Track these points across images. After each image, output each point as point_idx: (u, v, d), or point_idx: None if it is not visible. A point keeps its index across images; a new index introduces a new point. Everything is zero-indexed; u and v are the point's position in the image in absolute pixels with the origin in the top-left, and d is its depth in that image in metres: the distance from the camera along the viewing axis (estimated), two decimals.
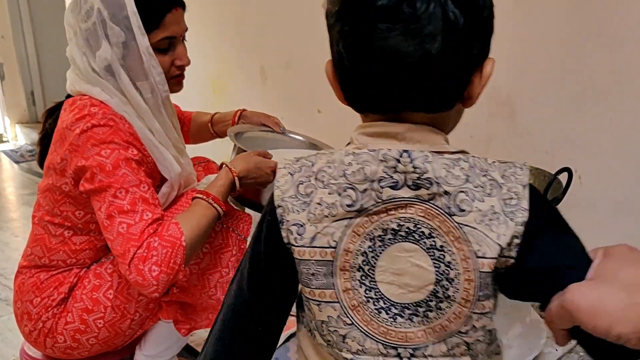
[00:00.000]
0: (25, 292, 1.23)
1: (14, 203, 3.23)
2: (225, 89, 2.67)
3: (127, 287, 1.20)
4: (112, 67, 1.11)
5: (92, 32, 1.10)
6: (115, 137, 1.09)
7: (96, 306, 1.19)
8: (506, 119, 1.67)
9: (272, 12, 2.33)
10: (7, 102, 4.98)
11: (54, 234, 1.21)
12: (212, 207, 1.14)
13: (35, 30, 4.97)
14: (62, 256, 1.22)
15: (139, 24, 1.09)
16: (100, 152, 1.08)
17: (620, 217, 1.52)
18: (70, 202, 1.17)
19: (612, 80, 1.46)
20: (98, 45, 1.10)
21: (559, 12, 1.51)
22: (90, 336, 1.21)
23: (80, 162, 1.08)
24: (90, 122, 1.09)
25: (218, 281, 1.24)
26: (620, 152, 1.49)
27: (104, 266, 1.22)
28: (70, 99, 1.18)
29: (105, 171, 1.07)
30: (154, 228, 1.06)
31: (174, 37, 1.16)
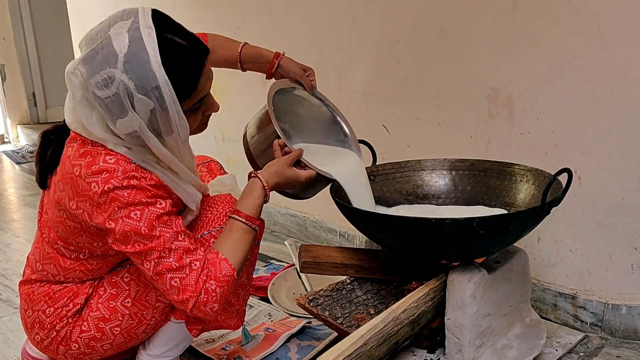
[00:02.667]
0: (37, 302, 1.23)
1: (15, 204, 3.23)
2: (226, 90, 2.67)
3: (146, 294, 1.22)
4: (138, 133, 1.04)
5: (114, 101, 1.00)
6: (141, 196, 1.05)
7: (113, 315, 1.21)
8: (506, 119, 1.67)
9: (272, 13, 2.33)
10: (9, 103, 4.99)
11: (68, 256, 1.20)
12: (250, 230, 1.17)
13: (36, 32, 4.99)
14: (78, 275, 1.22)
15: (170, 93, 1.01)
16: (130, 214, 1.04)
17: (620, 217, 1.52)
18: (87, 236, 1.15)
19: (612, 80, 1.46)
20: (122, 114, 1.01)
21: (559, 12, 1.51)
22: (105, 343, 1.23)
23: (109, 224, 1.06)
24: (111, 182, 1.04)
25: None
26: (620, 152, 1.49)
27: (120, 275, 1.23)
28: (79, 139, 1.10)
29: (142, 234, 1.05)
30: (205, 274, 1.08)
31: (207, 94, 1.13)
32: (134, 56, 0.98)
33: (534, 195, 1.44)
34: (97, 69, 1.00)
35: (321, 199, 1.55)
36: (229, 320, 1.30)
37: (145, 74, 0.99)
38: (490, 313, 1.36)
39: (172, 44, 1.03)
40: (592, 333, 1.60)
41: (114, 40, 0.99)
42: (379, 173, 1.63)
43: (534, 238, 1.68)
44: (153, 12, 1.05)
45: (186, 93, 1.05)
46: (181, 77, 1.03)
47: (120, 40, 0.99)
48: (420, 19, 1.82)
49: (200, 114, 1.14)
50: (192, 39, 1.08)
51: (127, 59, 0.98)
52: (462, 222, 1.22)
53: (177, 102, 1.03)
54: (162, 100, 1.01)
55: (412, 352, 1.43)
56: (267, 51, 1.46)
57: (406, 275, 1.50)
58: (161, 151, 1.08)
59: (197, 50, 1.07)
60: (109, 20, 1.04)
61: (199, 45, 1.08)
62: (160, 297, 1.23)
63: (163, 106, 1.02)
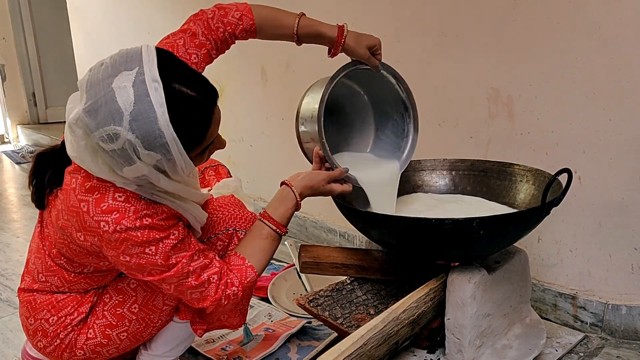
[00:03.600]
0: (39, 310, 1.22)
1: (15, 204, 3.23)
2: (226, 90, 2.67)
3: (153, 299, 1.22)
4: (146, 178, 1.01)
5: (119, 154, 0.96)
6: (155, 234, 1.04)
7: (120, 321, 1.22)
8: (506, 119, 1.67)
9: None
10: (9, 103, 5.00)
11: (72, 270, 1.19)
12: (277, 237, 1.22)
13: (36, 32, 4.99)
14: (82, 286, 1.22)
15: (179, 148, 0.97)
16: (145, 250, 1.04)
17: (620, 217, 1.52)
18: (94, 257, 1.14)
19: (612, 80, 1.46)
20: (128, 164, 0.97)
21: (559, 12, 1.51)
22: (111, 348, 1.24)
23: (123, 258, 1.05)
24: (122, 222, 1.02)
25: None
26: (620, 152, 1.49)
27: (126, 281, 1.23)
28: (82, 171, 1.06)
29: (159, 266, 1.06)
30: (224, 284, 1.13)
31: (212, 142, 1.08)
32: (140, 115, 0.93)
33: (534, 195, 1.44)
34: (102, 124, 0.94)
35: (321, 199, 1.55)
36: (232, 320, 1.30)
37: (153, 132, 0.94)
38: (490, 313, 1.35)
39: (180, 96, 0.97)
40: (592, 333, 1.60)
41: (118, 95, 0.93)
42: None
43: (534, 238, 1.68)
44: (158, 57, 0.97)
45: (195, 143, 1.01)
46: (190, 129, 0.98)
47: (125, 97, 0.93)
48: (420, 19, 1.82)
49: (207, 154, 1.10)
50: (201, 86, 1.01)
51: (134, 118, 0.93)
52: (462, 222, 1.22)
53: (185, 153, 0.99)
54: (169, 155, 0.97)
55: (412, 352, 1.43)
56: (327, 27, 1.32)
57: (406, 275, 1.50)
58: (170, 186, 1.05)
59: (206, 100, 1.01)
60: (111, 66, 0.96)
61: (208, 93, 1.02)
62: (167, 301, 1.24)
63: (170, 158, 0.98)
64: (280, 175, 1.34)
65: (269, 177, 2.51)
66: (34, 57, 4.96)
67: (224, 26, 1.26)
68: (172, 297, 1.24)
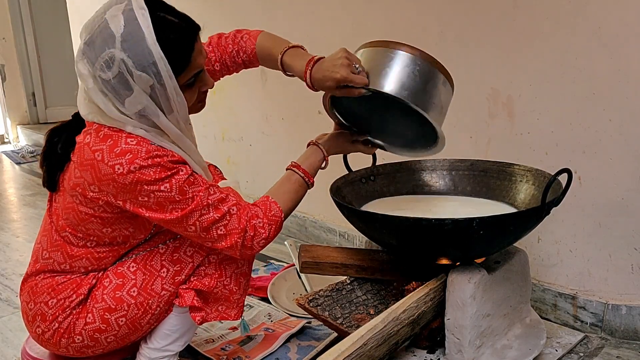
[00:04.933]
0: (40, 294, 1.24)
1: (15, 204, 3.23)
2: (226, 90, 2.67)
3: (152, 283, 1.23)
4: (146, 110, 1.10)
5: (118, 81, 1.07)
6: (166, 172, 1.10)
7: (119, 305, 1.22)
8: (506, 119, 1.67)
9: (272, 12, 2.33)
10: (9, 103, 5.00)
11: (75, 244, 1.22)
12: (305, 184, 1.29)
13: (36, 32, 4.99)
14: (84, 263, 1.23)
15: (167, 68, 1.07)
16: (160, 188, 1.10)
17: (620, 217, 1.52)
18: (98, 222, 1.18)
19: (612, 80, 1.46)
20: (128, 92, 1.07)
21: (559, 12, 1.51)
22: (110, 334, 1.23)
23: (142, 199, 1.11)
24: (136, 162, 1.08)
25: (234, 272, 1.27)
26: (620, 152, 1.49)
27: (126, 265, 1.24)
28: (95, 126, 1.14)
29: (177, 201, 1.11)
30: (246, 215, 1.17)
31: (201, 69, 1.17)
32: (130, 35, 1.05)
33: (534, 195, 1.44)
34: (99, 52, 1.06)
35: (321, 199, 1.55)
36: (230, 311, 1.30)
37: (142, 50, 1.05)
38: (490, 313, 1.35)
39: (165, 21, 1.09)
40: (592, 333, 1.60)
41: (111, 22, 1.06)
42: (379, 173, 1.63)
43: (534, 238, 1.68)
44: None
45: (181, 68, 1.11)
46: (175, 52, 1.09)
47: (116, 22, 1.05)
48: (420, 19, 1.82)
49: (196, 90, 1.18)
50: (184, 17, 1.14)
51: (124, 38, 1.05)
52: (462, 223, 1.22)
53: (174, 77, 1.09)
54: (159, 77, 1.07)
55: (412, 352, 1.43)
56: (299, 62, 1.30)
57: (406, 275, 1.50)
58: (170, 129, 1.13)
59: (188, 27, 1.13)
60: (103, 7, 1.10)
61: (190, 23, 1.15)
62: (165, 286, 1.24)
63: (161, 82, 1.08)
64: (280, 175, 1.34)
65: (269, 177, 2.50)
66: (34, 57, 4.96)
67: (232, 44, 1.39)
68: (170, 282, 1.23)
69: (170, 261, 1.24)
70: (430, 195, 1.62)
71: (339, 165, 1.59)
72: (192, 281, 1.26)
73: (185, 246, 1.25)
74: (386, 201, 1.60)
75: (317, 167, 1.32)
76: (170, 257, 1.24)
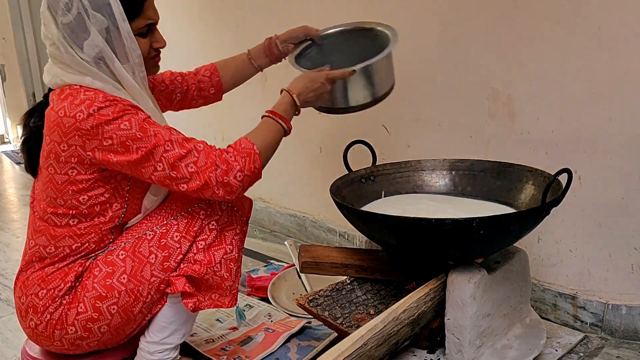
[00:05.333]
0: (30, 286, 1.25)
1: (15, 204, 3.23)
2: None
3: (141, 269, 1.23)
4: (103, 54, 1.17)
5: (76, 23, 1.15)
6: (123, 110, 1.15)
7: (110, 292, 1.22)
8: (506, 119, 1.67)
9: (273, 12, 2.33)
10: (9, 103, 5.00)
11: (58, 224, 1.24)
12: (277, 124, 1.29)
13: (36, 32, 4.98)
14: (68, 242, 1.25)
15: (120, 10, 1.16)
16: (120, 126, 1.14)
17: (620, 217, 1.52)
18: (74, 190, 1.21)
19: (612, 80, 1.46)
20: (86, 34, 1.15)
21: (559, 12, 1.51)
22: (102, 324, 1.23)
23: (106, 142, 1.14)
24: (94, 105, 1.13)
25: (223, 257, 1.28)
26: (620, 152, 1.49)
27: (115, 253, 1.25)
28: (56, 90, 1.21)
29: (139, 138, 1.14)
30: (217, 150, 1.18)
31: (153, 22, 1.25)
32: None
33: (534, 195, 1.44)
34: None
35: (321, 199, 1.55)
36: (223, 299, 1.30)
37: None
38: (490, 313, 1.35)
39: None
40: (592, 333, 1.60)
41: None
42: (379, 173, 1.63)
43: (534, 238, 1.68)
44: None
45: (133, 13, 1.19)
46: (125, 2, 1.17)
47: None
48: (420, 19, 1.82)
49: (149, 42, 1.25)
50: None
51: None
52: (462, 222, 1.22)
53: (127, 21, 1.17)
54: (113, 18, 1.15)
55: (412, 352, 1.43)
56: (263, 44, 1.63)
57: (406, 275, 1.50)
58: (125, 78, 1.20)
59: None
60: None
61: None
62: (155, 272, 1.24)
63: (115, 24, 1.16)
64: (280, 175, 1.34)
65: (269, 177, 2.50)
66: (34, 57, 4.96)
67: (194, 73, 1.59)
68: (160, 269, 1.24)
69: (158, 247, 1.25)
70: (430, 195, 1.62)
71: (339, 165, 1.59)
72: (182, 268, 1.26)
73: (172, 232, 1.25)
74: (386, 201, 1.60)
75: (291, 115, 1.34)
76: (157, 243, 1.25)
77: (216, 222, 1.28)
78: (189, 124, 2.94)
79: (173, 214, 1.28)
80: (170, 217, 1.27)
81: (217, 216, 1.28)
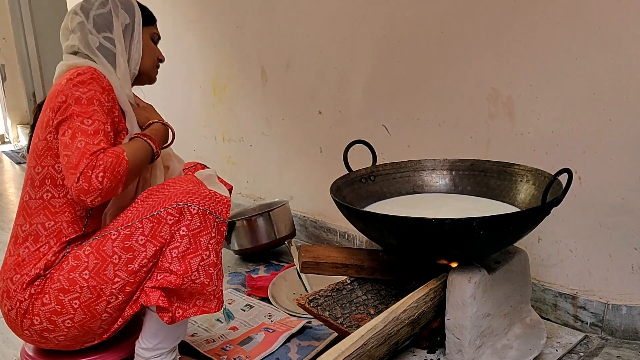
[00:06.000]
0: (7, 270, 1.28)
1: (15, 204, 3.23)
2: (226, 90, 2.67)
3: (104, 268, 1.23)
4: (116, 43, 1.38)
5: (107, 15, 1.38)
6: (95, 82, 1.27)
7: (72, 286, 1.23)
8: (506, 119, 1.67)
9: (273, 13, 2.33)
10: (9, 103, 5.00)
11: (34, 197, 1.28)
12: (145, 142, 1.34)
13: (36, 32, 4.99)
14: (41, 219, 1.28)
15: (139, 16, 1.43)
16: (79, 89, 1.25)
17: (620, 217, 1.52)
18: (51, 155, 1.27)
19: (612, 80, 1.46)
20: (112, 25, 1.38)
21: (559, 12, 1.51)
22: (66, 318, 1.24)
23: (60, 98, 1.24)
24: (76, 72, 1.27)
25: (200, 264, 1.24)
26: (620, 152, 1.49)
27: (83, 249, 1.26)
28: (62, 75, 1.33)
29: (80, 104, 1.24)
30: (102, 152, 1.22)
31: (158, 37, 1.50)
32: None
33: (534, 195, 1.44)
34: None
35: (321, 199, 1.55)
36: (209, 303, 1.28)
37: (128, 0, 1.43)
38: (490, 313, 1.36)
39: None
40: (592, 333, 1.60)
41: None
42: (379, 173, 1.63)
43: (534, 238, 1.68)
44: None
45: (148, 21, 1.46)
46: (144, 12, 1.46)
47: None
48: (420, 19, 1.82)
49: (153, 51, 1.47)
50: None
51: None
52: (462, 222, 1.22)
53: (142, 25, 1.43)
54: (134, 19, 1.41)
55: (412, 352, 1.43)
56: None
57: (406, 275, 1.50)
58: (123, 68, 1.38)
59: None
60: None
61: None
62: (118, 272, 1.23)
63: (133, 24, 1.41)
64: (280, 175, 1.34)
65: (269, 177, 2.51)
66: (34, 57, 4.96)
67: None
68: (123, 270, 1.24)
69: (122, 248, 1.24)
70: (430, 195, 1.62)
71: (339, 165, 1.59)
72: (158, 279, 1.24)
73: (137, 234, 1.24)
74: (386, 201, 1.60)
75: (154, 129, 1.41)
76: (121, 244, 1.24)
77: (186, 227, 1.24)
78: (189, 125, 2.94)
79: (139, 215, 1.25)
80: (135, 219, 1.25)
81: (187, 221, 1.24)
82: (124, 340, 1.38)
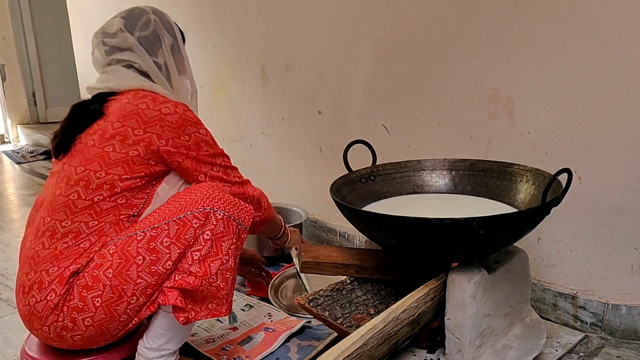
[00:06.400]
0: (42, 262, 1.25)
1: (15, 204, 3.23)
2: (226, 90, 2.67)
3: (127, 268, 1.23)
4: (168, 64, 1.42)
5: (153, 35, 1.40)
6: (199, 120, 1.37)
7: (95, 284, 1.23)
8: (506, 119, 1.67)
9: (273, 13, 2.33)
10: (9, 103, 5.00)
11: (83, 198, 1.27)
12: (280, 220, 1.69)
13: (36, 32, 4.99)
14: (86, 218, 1.27)
15: (179, 35, 1.47)
16: (199, 130, 1.35)
17: (620, 217, 1.52)
18: (122, 167, 1.28)
19: (612, 80, 1.46)
20: (159, 46, 1.41)
21: (559, 12, 1.51)
22: (86, 316, 1.23)
23: (184, 138, 1.32)
24: (179, 106, 1.33)
25: (219, 268, 1.26)
26: (620, 152, 1.49)
27: (108, 248, 1.26)
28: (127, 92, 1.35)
29: (210, 144, 1.38)
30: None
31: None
32: (157, 9, 1.45)
33: (534, 195, 1.44)
34: (138, 19, 1.41)
35: (321, 199, 1.55)
36: (220, 307, 1.29)
37: (166, 19, 1.45)
38: (490, 313, 1.36)
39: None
40: (592, 333, 1.60)
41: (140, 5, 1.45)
42: (379, 173, 1.63)
43: (534, 238, 1.68)
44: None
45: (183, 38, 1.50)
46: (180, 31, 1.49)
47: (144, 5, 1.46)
48: (420, 19, 1.82)
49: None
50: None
51: (154, 12, 1.44)
52: (461, 222, 1.22)
53: (183, 44, 1.48)
54: (176, 40, 1.45)
55: (412, 352, 1.43)
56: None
57: (406, 275, 1.50)
58: (182, 87, 1.46)
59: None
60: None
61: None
62: (141, 274, 1.23)
63: (177, 44, 1.45)
64: (280, 175, 1.35)
65: (269, 177, 2.51)
66: (34, 57, 4.96)
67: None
68: (147, 271, 1.24)
69: (146, 249, 1.24)
70: (430, 195, 1.62)
71: (339, 165, 1.59)
72: (176, 280, 1.25)
73: (162, 236, 1.24)
74: (386, 201, 1.60)
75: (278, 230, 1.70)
76: (146, 246, 1.24)
77: (211, 231, 1.26)
78: None
79: (165, 218, 1.26)
80: (161, 221, 1.26)
81: (212, 225, 1.26)
82: (125, 340, 1.38)
